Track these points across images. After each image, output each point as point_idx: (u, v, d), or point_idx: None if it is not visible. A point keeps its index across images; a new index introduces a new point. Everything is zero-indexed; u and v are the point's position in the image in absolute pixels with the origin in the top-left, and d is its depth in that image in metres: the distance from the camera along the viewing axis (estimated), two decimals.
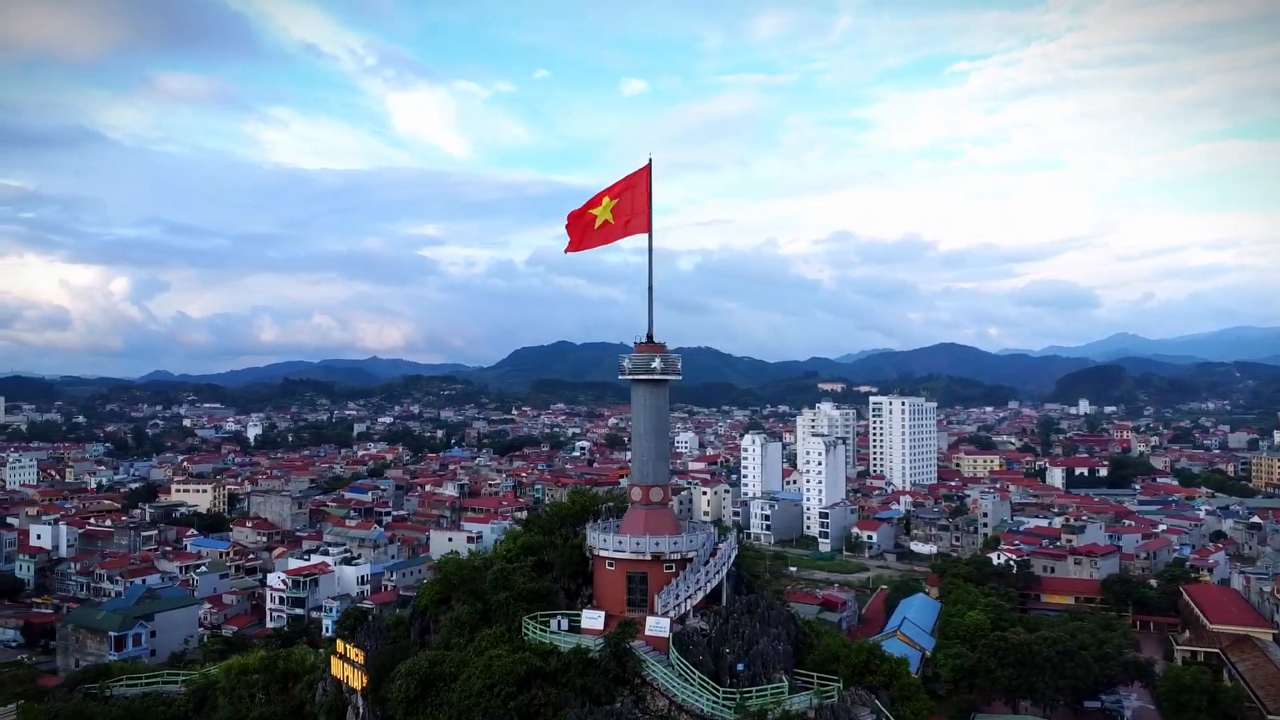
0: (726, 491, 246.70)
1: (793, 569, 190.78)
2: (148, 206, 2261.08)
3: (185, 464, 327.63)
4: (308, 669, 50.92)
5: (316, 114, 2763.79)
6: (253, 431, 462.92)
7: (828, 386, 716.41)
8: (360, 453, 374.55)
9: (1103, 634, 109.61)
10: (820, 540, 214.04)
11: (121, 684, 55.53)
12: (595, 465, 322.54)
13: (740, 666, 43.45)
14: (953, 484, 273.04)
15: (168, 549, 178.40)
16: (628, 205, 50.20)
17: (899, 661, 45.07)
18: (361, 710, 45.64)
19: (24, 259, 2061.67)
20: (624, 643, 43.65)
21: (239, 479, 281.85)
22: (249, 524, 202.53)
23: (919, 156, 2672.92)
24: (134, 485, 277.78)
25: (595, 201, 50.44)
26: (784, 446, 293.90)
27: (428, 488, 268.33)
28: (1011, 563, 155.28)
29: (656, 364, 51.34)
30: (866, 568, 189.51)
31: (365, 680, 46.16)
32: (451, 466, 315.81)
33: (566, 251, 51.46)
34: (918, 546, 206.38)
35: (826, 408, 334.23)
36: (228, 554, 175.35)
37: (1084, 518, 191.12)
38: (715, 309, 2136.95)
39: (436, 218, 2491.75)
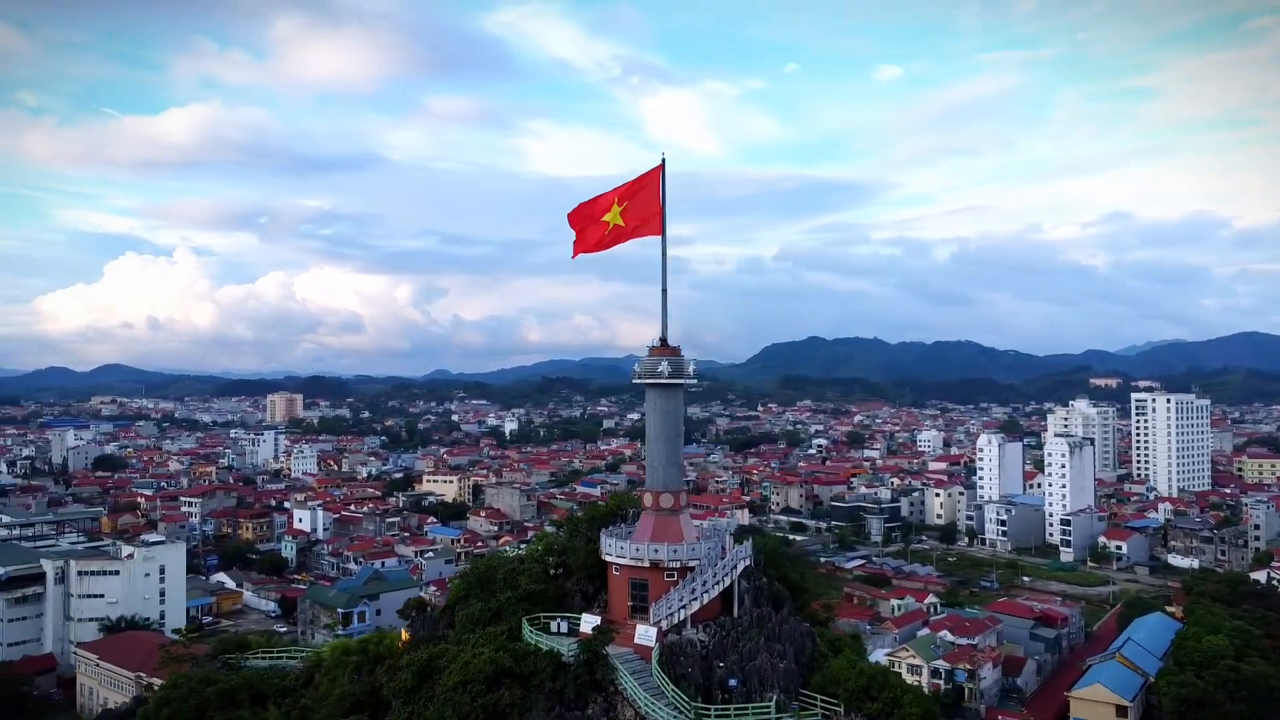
0: (961, 494, 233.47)
1: (1025, 579, 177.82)
2: (425, 219, 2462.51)
3: (445, 456, 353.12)
4: (395, 654, 53.39)
5: (573, 124, 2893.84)
6: (509, 426, 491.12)
7: (1101, 382, 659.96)
8: (602, 448, 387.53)
9: None
10: (1062, 549, 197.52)
11: (256, 657, 61.29)
12: (828, 463, 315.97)
13: (733, 682, 41.37)
14: (1227, 491, 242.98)
15: (407, 534, 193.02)
16: (638, 208, 49.03)
17: (905, 689, 40.41)
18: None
19: (323, 271, 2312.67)
20: (599, 649, 42.73)
21: (488, 471, 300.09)
22: (483, 514, 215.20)
23: (1208, 127, 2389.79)
24: (396, 475, 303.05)
25: (604, 205, 49.36)
26: (1033, 448, 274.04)
27: None
28: (1278, 583, 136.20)
29: (664, 368, 50.07)
30: (1111, 581, 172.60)
31: None
32: (689, 463, 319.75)
33: (574, 256, 50.50)
34: (1175, 560, 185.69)
35: (1081, 405, 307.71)
36: (459, 541, 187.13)
37: None
38: (976, 300, 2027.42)
39: (687, 217, 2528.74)
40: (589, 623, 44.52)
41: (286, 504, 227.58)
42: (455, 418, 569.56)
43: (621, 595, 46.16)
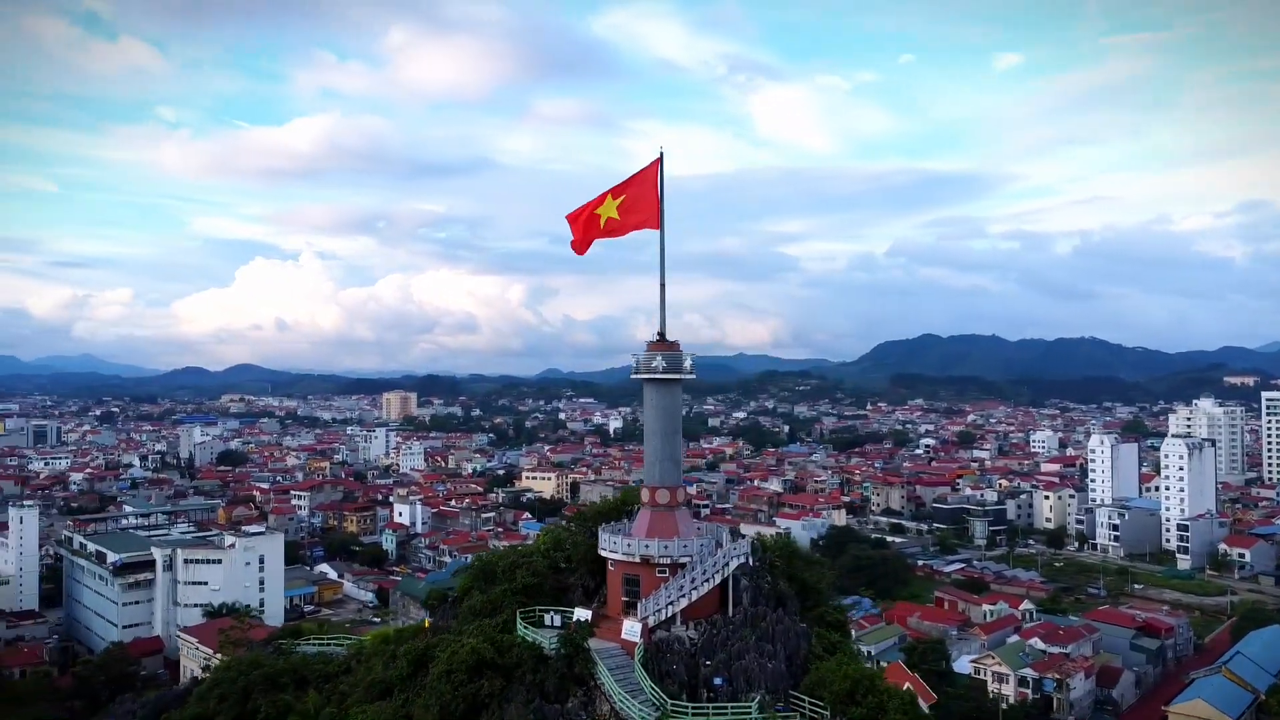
0: (1071, 497, 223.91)
1: (1137, 587, 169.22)
2: (535, 220, 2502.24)
3: (549, 454, 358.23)
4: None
5: (681, 123, 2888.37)
6: (614, 425, 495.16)
7: (1237, 380, 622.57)
8: (703, 446, 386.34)
9: None
10: (1179, 556, 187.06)
11: (308, 643, 63.31)
12: (934, 464, 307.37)
13: (718, 681, 40.48)
14: None
15: (501, 529, 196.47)
16: (635, 201, 48.47)
17: (893, 695, 38.40)
18: None
19: (439, 273, 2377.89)
20: (579, 642, 42.38)
21: (588, 469, 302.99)
22: (576, 510, 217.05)
23: None
24: (499, 472, 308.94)
25: (598, 201, 49.00)
26: (1155, 449, 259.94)
27: (756, 482, 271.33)
28: None
29: (658, 363, 48.99)
30: (1231, 591, 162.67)
31: None
32: (786, 462, 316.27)
33: (574, 249, 50.06)
34: None
35: (1206, 404, 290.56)
36: None
37: None
38: (1101, 295, 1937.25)
39: (798, 213, 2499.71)
40: (582, 616, 44.47)
41: (390, 498, 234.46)
42: (562, 416, 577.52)
43: (616, 590, 46.04)
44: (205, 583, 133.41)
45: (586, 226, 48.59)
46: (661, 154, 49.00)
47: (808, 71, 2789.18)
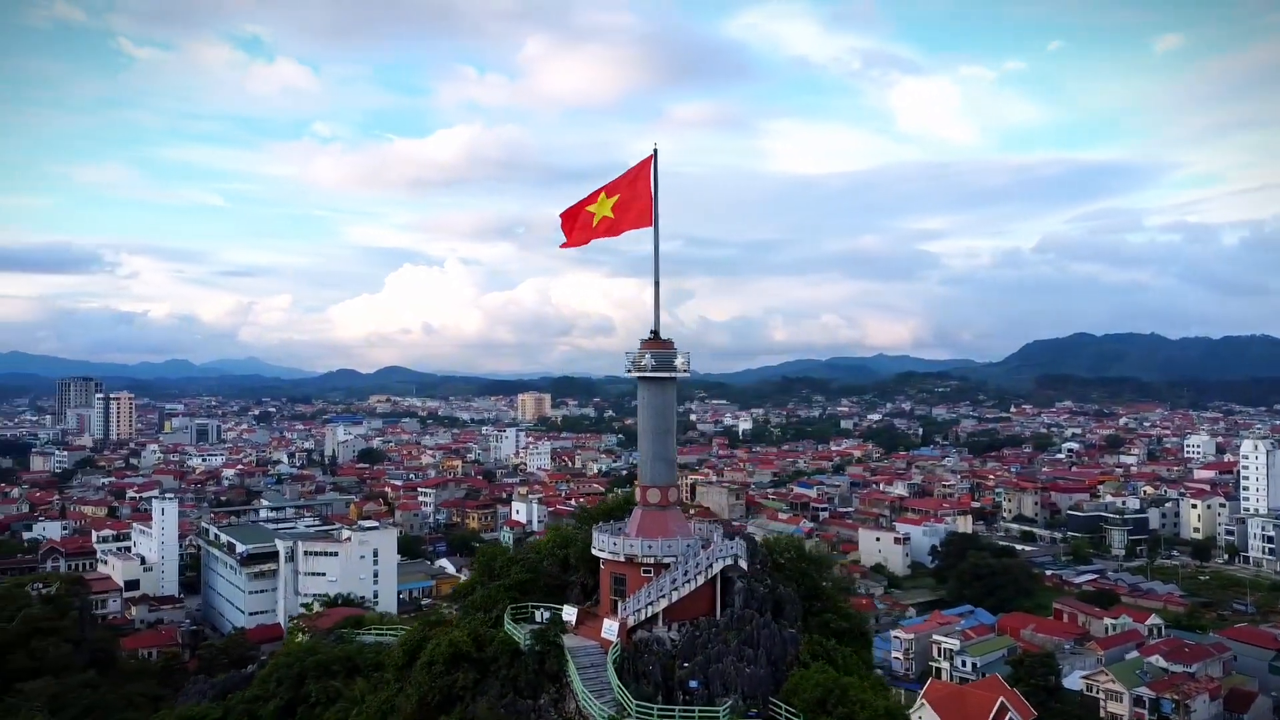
0: (1222, 505, 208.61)
1: None
2: (670, 223, 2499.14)
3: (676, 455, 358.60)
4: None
5: (818, 121, 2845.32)
6: (743, 426, 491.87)
7: None
8: (832, 449, 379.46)
9: None
10: None
11: (368, 632, 65.23)
12: (1075, 469, 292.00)
13: (693, 684, 39.12)
14: None
15: None
16: (630, 200, 47.33)
17: (864, 705, 35.83)
18: None
19: (577, 276, 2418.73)
20: (551, 639, 41.94)
21: (711, 470, 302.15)
22: (692, 511, 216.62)
23: None
24: (623, 472, 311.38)
25: (592, 198, 47.89)
26: None
27: (881, 486, 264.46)
28: None
29: (647, 361, 47.78)
30: None
31: None
32: (914, 466, 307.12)
33: (562, 246, 49.06)
34: None
35: None
36: None
37: None
38: (1274, 289, 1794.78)
39: (939, 210, 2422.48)
40: (569, 614, 44.19)
41: (511, 497, 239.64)
42: (693, 417, 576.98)
43: (606, 589, 45.90)
44: (323, 574, 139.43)
45: (580, 225, 48.11)
46: (655, 150, 48.16)
47: (949, 63, 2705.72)
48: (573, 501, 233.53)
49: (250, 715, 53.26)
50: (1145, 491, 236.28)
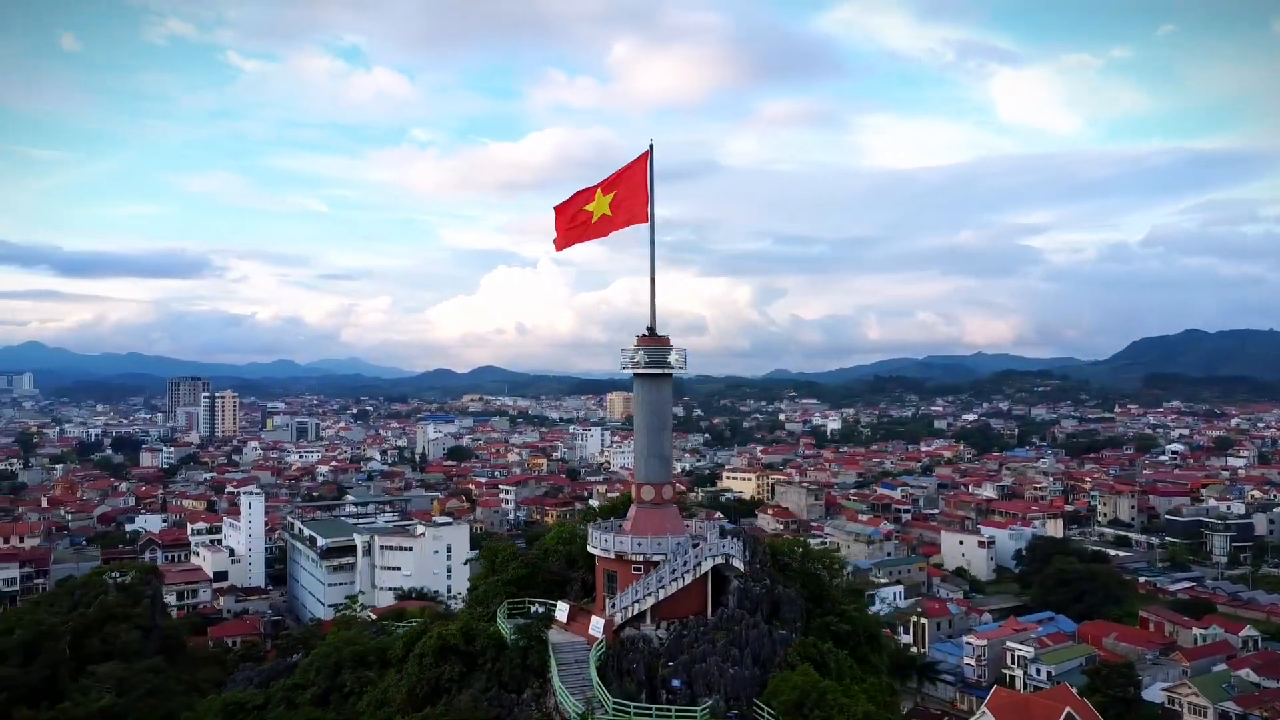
0: None
1: None
2: (761, 221, 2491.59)
3: (760, 454, 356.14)
4: None
5: (913, 114, 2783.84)
6: (832, 426, 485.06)
7: None
8: (922, 449, 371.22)
9: None
10: None
11: (407, 624, 66.38)
12: (1178, 472, 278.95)
13: (676, 683, 38.34)
14: None
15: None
16: (625, 197, 46.59)
17: (843, 710, 34.18)
18: None
19: (667, 275, 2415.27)
20: (535, 634, 41.71)
21: (797, 470, 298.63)
22: (770, 512, 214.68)
23: None
24: (706, 471, 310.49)
25: (588, 196, 47.17)
26: None
27: (969, 488, 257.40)
28: None
29: (640, 358, 47.03)
30: None
31: None
32: (1005, 467, 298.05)
33: (556, 249, 48.29)
34: None
35: None
36: None
37: None
38: None
39: (1041, 203, 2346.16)
40: (562, 610, 44.02)
41: (590, 495, 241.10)
42: (782, 416, 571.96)
43: (600, 586, 45.84)
44: (398, 568, 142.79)
45: (574, 222, 47.75)
46: (651, 146, 47.54)
47: (1051, 52, 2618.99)
48: None
49: (288, 703, 54.62)
50: (1252, 496, 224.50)
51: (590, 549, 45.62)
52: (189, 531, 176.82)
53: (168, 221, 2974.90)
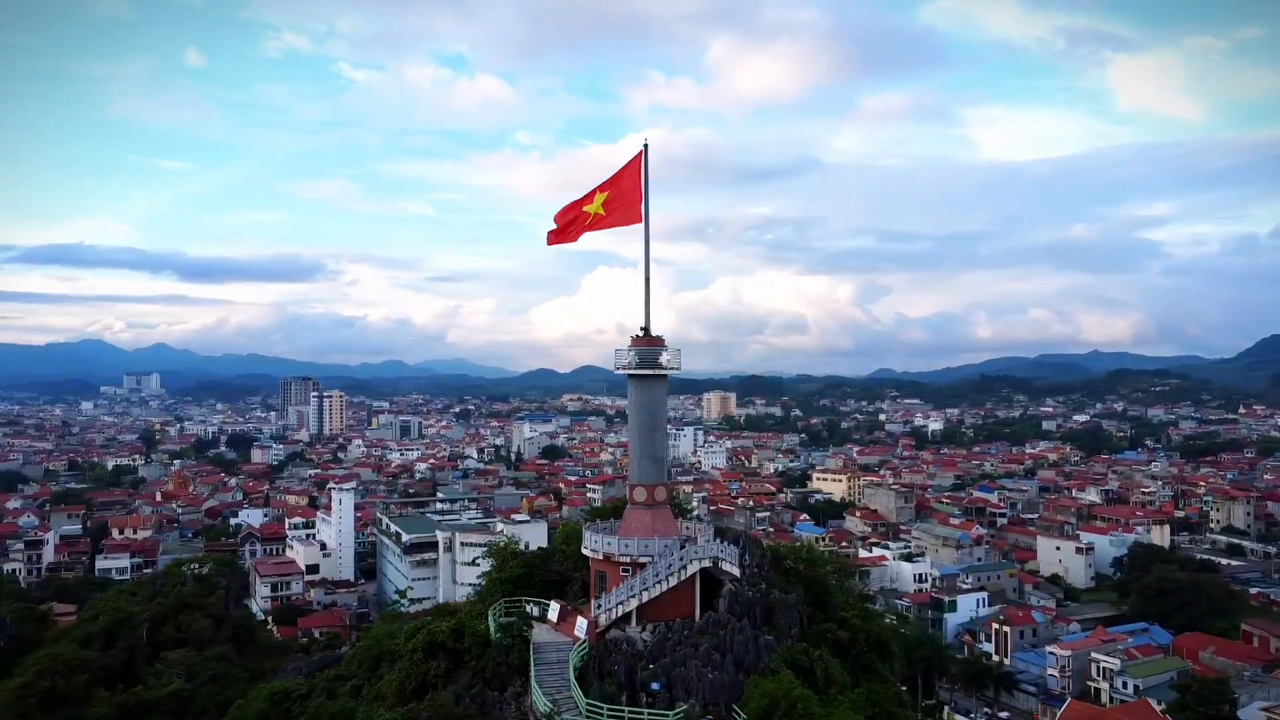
0: None
1: None
2: (862, 218, 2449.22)
3: (857, 455, 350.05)
4: None
5: (1026, 105, 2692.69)
6: (933, 427, 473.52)
7: None
8: (1026, 451, 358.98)
9: None
10: None
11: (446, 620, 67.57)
12: None
13: (655, 686, 37.74)
14: None
15: (773, 529, 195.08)
16: (619, 196, 46.14)
17: (815, 717, 32.55)
18: None
19: (767, 274, 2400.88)
20: (518, 633, 41.81)
21: (894, 471, 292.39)
22: (859, 514, 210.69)
23: None
24: (799, 472, 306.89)
25: (588, 199, 46.78)
26: None
27: (1073, 492, 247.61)
28: None
29: (631, 359, 46.45)
30: None
31: None
32: (1112, 471, 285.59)
33: (548, 244, 47.58)
34: None
35: None
36: (823, 540, 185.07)
37: None
38: None
39: (1161, 194, 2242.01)
40: (553, 610, 43.92)
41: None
42: (882, 417, 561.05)
43: (593, 586, 45.82)
44: (478, 564, 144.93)
45: (575, 224, 47.50)
46: (646, 146, 46.85)
47: (1171, 36, 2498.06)
48: (739, 500, 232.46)
49: (329, 693, 56.10)
50: None
51: (583, 550, 45.66)
52: (286, 526, 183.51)
53: (285, 227, 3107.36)
